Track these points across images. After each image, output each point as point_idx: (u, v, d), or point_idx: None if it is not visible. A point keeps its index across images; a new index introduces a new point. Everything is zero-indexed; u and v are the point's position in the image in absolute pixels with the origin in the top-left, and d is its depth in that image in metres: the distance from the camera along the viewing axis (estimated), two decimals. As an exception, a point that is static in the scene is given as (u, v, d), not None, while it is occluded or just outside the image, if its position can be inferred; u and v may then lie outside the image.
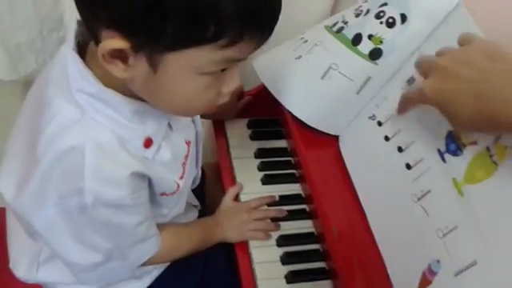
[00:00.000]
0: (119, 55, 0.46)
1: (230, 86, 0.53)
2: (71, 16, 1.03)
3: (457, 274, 0.52)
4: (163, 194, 0.62)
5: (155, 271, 0.74)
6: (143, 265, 0.67)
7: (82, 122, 0.51)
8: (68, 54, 0.52)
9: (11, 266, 0.71)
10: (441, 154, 0.58)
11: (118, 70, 0.48)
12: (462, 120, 0.50)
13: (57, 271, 0.67)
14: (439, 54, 0.57)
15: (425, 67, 0.57)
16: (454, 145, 0.57)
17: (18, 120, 0.63)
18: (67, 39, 0.55)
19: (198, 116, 0.69)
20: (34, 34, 1.12)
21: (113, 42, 0.45)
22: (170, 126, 0.59)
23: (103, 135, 0.52)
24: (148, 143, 0.56)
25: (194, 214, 0.81)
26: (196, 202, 0.81)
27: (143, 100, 0.54)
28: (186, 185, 0.67)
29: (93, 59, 0.52)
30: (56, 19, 1.12)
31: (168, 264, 0.75)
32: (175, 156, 0.61)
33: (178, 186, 0.63)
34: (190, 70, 0.48)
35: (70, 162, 0.51)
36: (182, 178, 0.64)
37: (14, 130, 0.63)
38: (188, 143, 0.64)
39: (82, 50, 0.54)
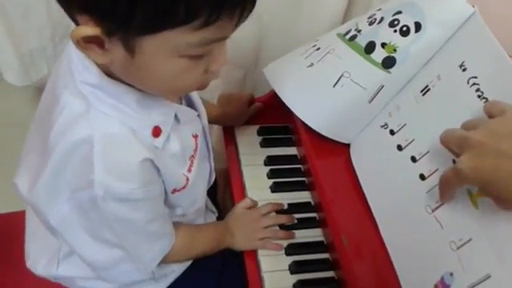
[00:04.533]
0: (95, 40, 0.45)
1: (218, 64, 0.51)
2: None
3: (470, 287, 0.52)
4: (174, 190, 0.62)
5: (173, 274, 0.74)
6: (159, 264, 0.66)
7: (89, 114, 0.51)
8: (71, 47, 0.52)
9: (29, 265, 0.71)
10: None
11: (95, 54, 0.47)
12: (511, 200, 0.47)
13: (77, 266, 0.67)
14: (468, 126, 0.53)
15: (457, 143, 0.52)
16: (469, 156, 0.56)
17: (34, 119, 0.63)
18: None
19: (204, 110, 0.68)
20: (46, 41, 1.13)
21: (85, 28, 0.44)
22: (177, 118, 0.59)
23: (111, 125, 0.52)
24: (157, 132, 0.55)
25: (212, 219, 0.81)
26: (213, 208, 0.81)
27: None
28: (199, 179, 0.66)
29: None
30: (67, 26, 1.12)
31: (184, 270, 0.75)
32: (184, 149, 0.60)
33: (187, 179, 0.62)
34: (167, 52, 0.46)
35: (80, 154, 0.51)
36: (189, 170, 0.63)
37: (31, 128, 0.63)
38: (195, 137, 0.64)
39: None
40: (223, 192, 0.93)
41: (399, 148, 0.65)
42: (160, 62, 0.47)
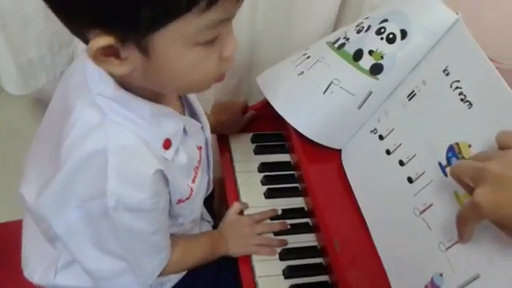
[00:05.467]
0: (111, 51, 0.46)
1: (230, 48, 0.51)
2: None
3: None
4: (180, 200, 0.63)
5: (168, 283, 0.75)
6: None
7: (104, 125, 0.52)
8: (86, 60, 0.52)
9: (26, 274, 0.72)
10: (442, 167, 0.58)
11: (114, 67, 0.48)
12: None
13: (75, 276, 0.68)
14: (481, 158, 0.50)
15: (472, 175, 0.49)
16: (455, 158, 0.57)
17: (40, 129, 0.64)
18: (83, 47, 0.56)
19: (207, 123, 0.69)
20: (45, 50, 1.14)
21: (98, 40, 0.45)
22: (185, 130, 0.60)
23: (125, 137, 0.53)
24: (167, 144, 0.57)
25: (208, 228, 0.82)
26: (209, 218, 0.82)
27: (161, 102, 0.55)
28: (199, 190, 0.67)
29: None
30: (66, 36, 1.14)
31: (180, 278, 0.75)
32: (190, 160, 0.62)
33: (192, 190, 0.63)
34: (180, 44, 0.47)
35: (94, 165, 0.52)
36: (193, 181, 0.64)
37: (37, 137, 0.64)
38: (199, 148, 0.65)
39: None
40: (219, 200, 0.94)
41: (388, 152, 0.66)
42: (176, 57, 0.48)
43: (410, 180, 0.62)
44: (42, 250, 0.69)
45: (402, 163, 0.64)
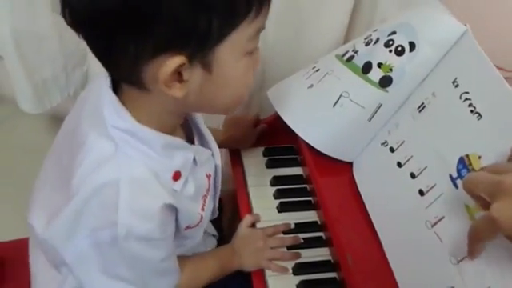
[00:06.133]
0: (176, 77, 0.48)
1: (258, 63, 0.55)
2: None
3: None
4: (188, 227, 0.63)
5: None
6: None
7: (117, 157, 0.53)
8: (104, 91, 0.54)
9: None
10: (453, 179, 0.58)
11: (176, 90, 0.49)
12: None
13: None
14: (497, 170, 0.48)
15: (489, 189, 0.47)
16: (465, 170, 0.57)
17: (49, 154, 0.65)
18: (99, 76, 0.57)
19: (218, 150, 0.69)
20: (59, 70, 1.17)
21: (171, 61, 0.46)
22: (194, 160, 0.61)
23: (137, 169, 0.54)
24: (177, 176, 0.58)
25: (213, 242, 0.82)
26: (214, 232, 0.82)
27: (172, 134, 0.57)
28: (206, 217, 0.68)
29: (126, 95, 0.55)
30: (80, 55, 1.17)
31: None
32: (198, 189, 0.62)
33: (202, 217, 0.64)
34: (236, 54, 0.49)
35: (105, 196, 0.53)
36: (203, 209, 0.65)
37: (45, 164, 0.65)
38: (208, 176, 0.66)
39: (114, 86, 0.56)
40: (230, 215, 0.94)
41: (399, 165, 0.66)
42: (234, 67, 0.50)
43: (421, 193, 0.62)
44: (48, 272, 0.69)
45: (413, 176, 0.63)
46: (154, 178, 0.54)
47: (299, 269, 0.75)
